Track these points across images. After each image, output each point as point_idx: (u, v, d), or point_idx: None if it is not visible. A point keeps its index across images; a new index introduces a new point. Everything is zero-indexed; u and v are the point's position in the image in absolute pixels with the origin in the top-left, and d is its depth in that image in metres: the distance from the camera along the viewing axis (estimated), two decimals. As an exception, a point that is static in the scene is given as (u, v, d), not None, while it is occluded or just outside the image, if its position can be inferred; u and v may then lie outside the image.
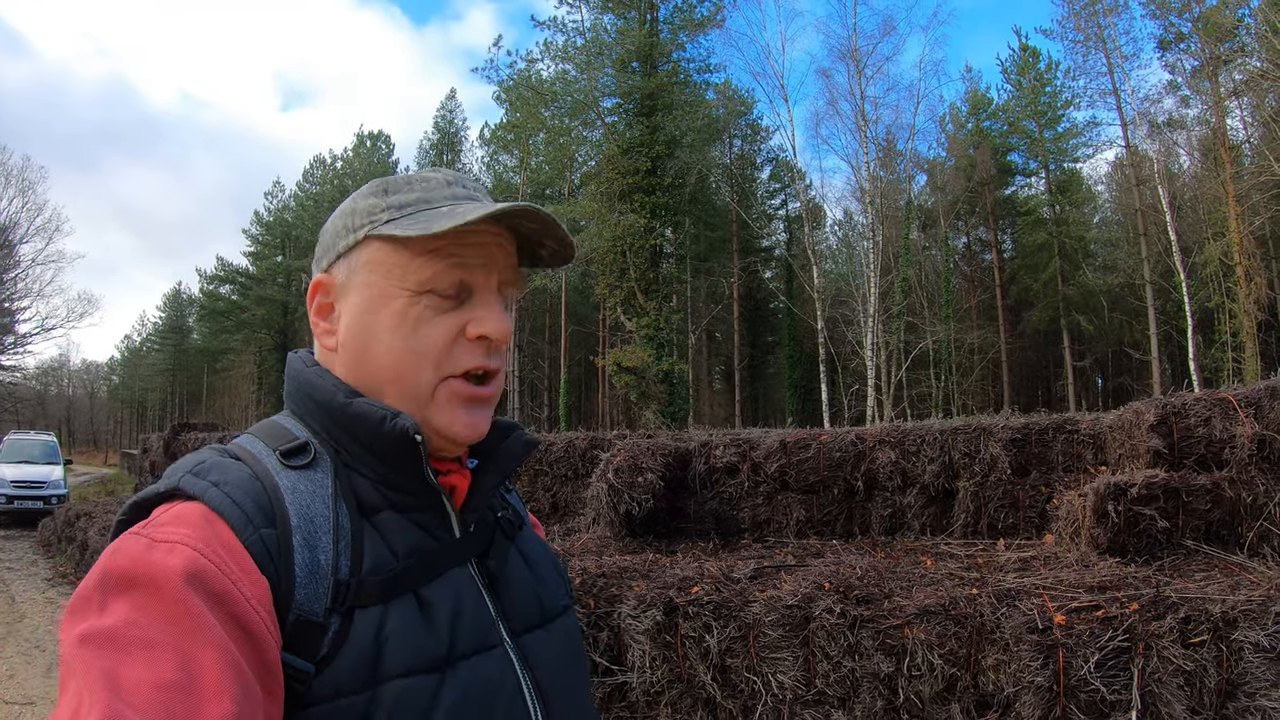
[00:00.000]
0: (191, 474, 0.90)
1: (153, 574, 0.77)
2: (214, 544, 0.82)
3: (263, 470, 0.93)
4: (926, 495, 6.35)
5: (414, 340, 1.00)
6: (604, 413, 43.90)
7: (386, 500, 0.99)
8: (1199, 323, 29.17)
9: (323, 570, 0.89)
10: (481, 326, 1.02)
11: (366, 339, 1.02)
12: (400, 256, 1.01)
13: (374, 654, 0.87)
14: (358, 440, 0.99)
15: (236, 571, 0.82)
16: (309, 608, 0.86)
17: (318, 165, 61.01)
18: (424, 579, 0.96)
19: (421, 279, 1.00)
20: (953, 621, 3.72)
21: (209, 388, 77.11)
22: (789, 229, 47.48)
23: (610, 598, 4.48)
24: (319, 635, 0.86)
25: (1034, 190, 46.16)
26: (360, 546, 0.93)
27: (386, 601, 0.91)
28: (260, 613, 0.82)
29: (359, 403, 0.98)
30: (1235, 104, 30.85)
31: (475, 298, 1.03)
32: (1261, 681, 3.26)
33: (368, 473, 0.99)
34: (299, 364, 1.09)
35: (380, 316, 1.01)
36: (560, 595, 1.18)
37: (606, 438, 8.63)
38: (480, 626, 0.99)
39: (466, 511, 1.06)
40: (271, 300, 59.16)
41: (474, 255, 1.02)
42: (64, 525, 14.28)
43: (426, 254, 1.00)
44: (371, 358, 1.02)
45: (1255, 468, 4.77)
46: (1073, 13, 33.68)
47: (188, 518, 0.84)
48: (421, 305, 1.00)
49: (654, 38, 33.24)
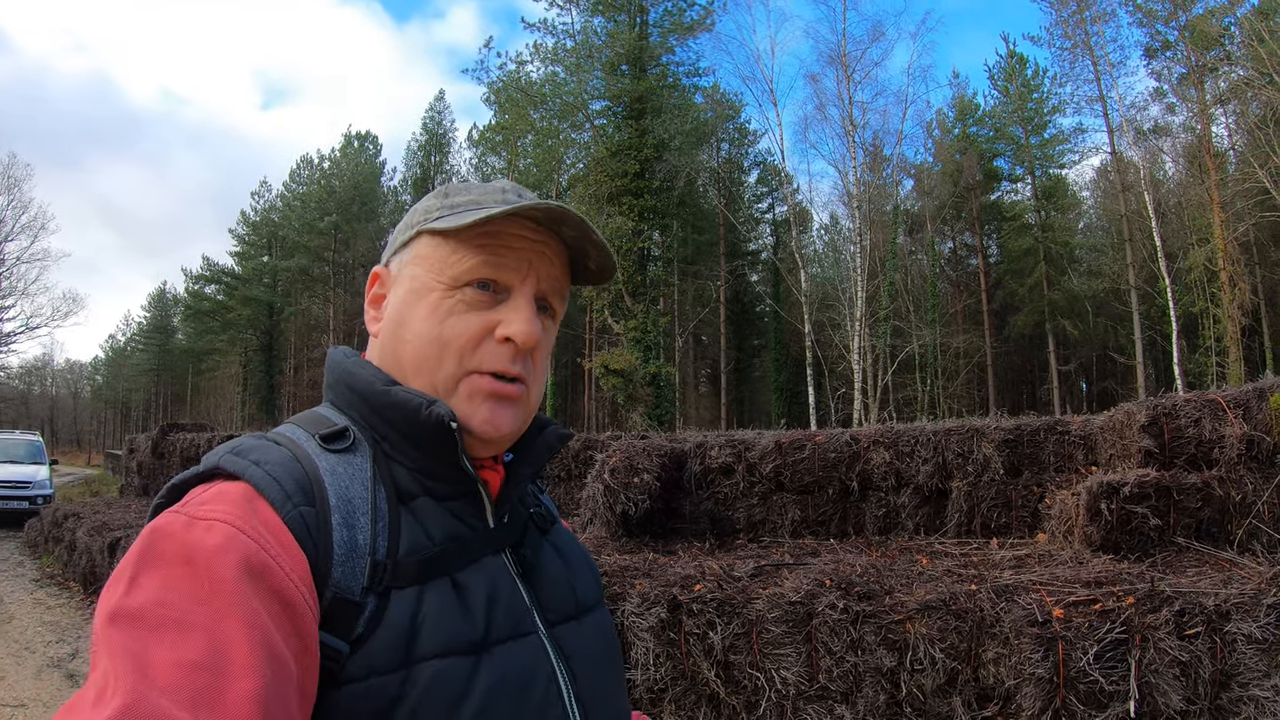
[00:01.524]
0: (232, 454, 0.93)
1: (191, 551, 0.79)
2: (253, 520, 0.84)
3: (303, 453, 0.95)
4: (920, 495, 6.42)
5: (441, 330, 1.02)
6: (590, 415, 43.90)
7: (423, 488, 1.00)
8: (1183, 328, 29.39)
9: (360, 550, 0.90)
10: (508, 328, 1.02)
11: (400, 327, 1.05)
12: (442, 251, 1.04)
13: (409, 635, 0.88)
14: (395, 428, 1.00)
15: (276, 547, 0.83)
16: (346, 586, 0.88)
17: (305, 165, 60.59)
18: (460, 564, 0.97)
19: (458, 273, 1.03)
20: (953, 616, 3.80)
21: (194, 388, 76.57)
22: (776, 233, 47.65)
23: (613, 596, 4.53)
24: (355, 614, 0.87)
25: (1020, 196, 46.40)
26: (398, 529, 0.94)
27: (423, 584, 0.92)
28: (300, 587, 0.83)
29: (397, 390, 1.00)
30: (1220, 112, 31.16)
31: (510, 300, 1.05)
32: (1254, 672, 3.36)
33: (405, 460, 1.00)
34: (339, 355, 1.11)
35: (417, 307, 1.04)
36: (593, 590, 1.18)
37: (600, 439, 8.65)
38: (515, 613, 1.00)
39: (501, 502, 1.07)
40: (257, 301, 58.68)
41: (511, 257, 1.04)
42: (51, 526, 14.09)
43: (465, 250, 1.03)
44: (401, 344, 1.04)
45: (1244, 467, 4.88)
46: (1060, 20, 33.98)
47: (228, 495, 0.86)
48: (455, 299, 1.02)
49: (643, 41, 33.23)
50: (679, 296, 43.07)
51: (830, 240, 50.86)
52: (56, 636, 8.73)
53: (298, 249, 55.81)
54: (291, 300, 58.38)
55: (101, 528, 11.10)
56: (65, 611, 9.97)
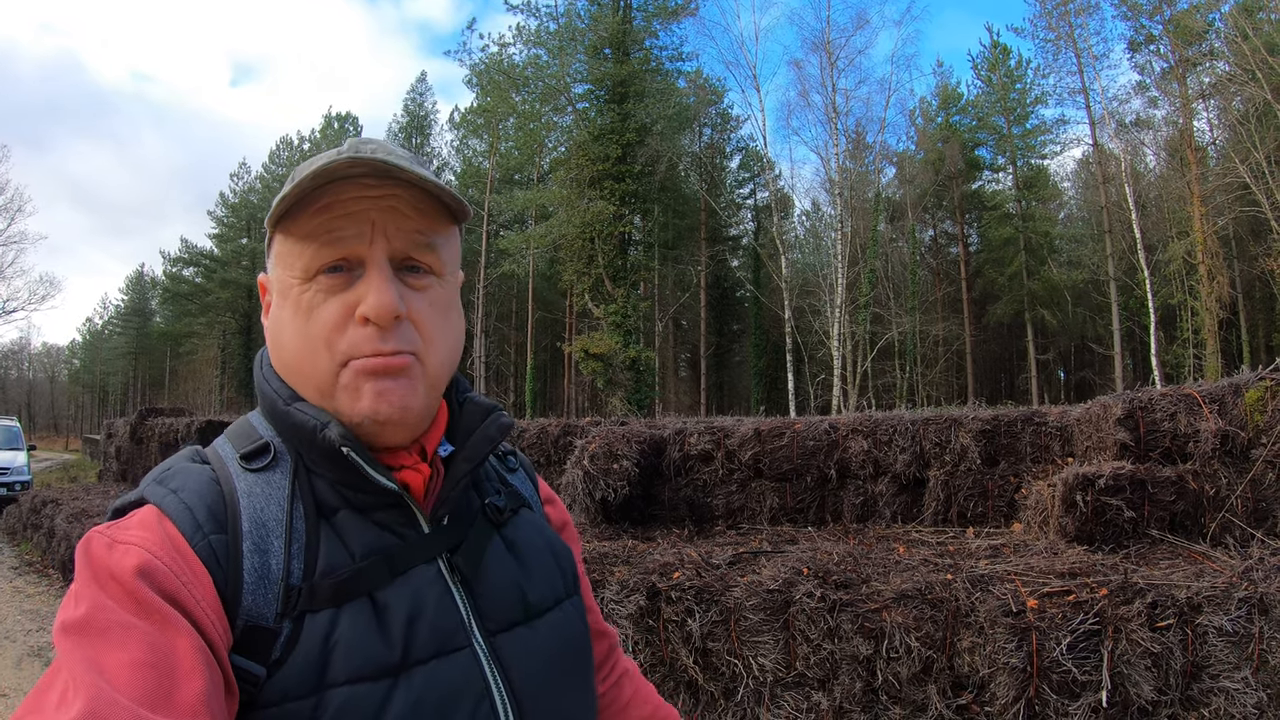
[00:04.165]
0: (156, 481, 0.94)
1: (112, 571, 0.82)
2: (166, 546, 0.85)
3: (225, 474, 0.95)
4: (898, 484, 6.47)
5: (308, 327, 0.96)
6: (570, 399, 43.89)
7: (345, 500, 0.97)
8: (1161, 319, 29.63)
9: (273, 575, 0.89)
10: (364, 307, 0.94)
11: (278, 335, 1.01)
12: (289, 243, 0.98)
13: (321, 660, 0.87)
14: (304, 445, 0.97)
15: (187, 573, 0.84)
16: (258, 613, 0.87)
17: (284, 147, 60.27)
18: (382, 580, 0.94)
19: (307, 263, 0.96)
20: (929, 605, 3.84)
21: (172, 372, 76.01)
22: (757, 218, 47.63)
23: (593, 583, 4.54)
24: (270, 639, 0.87)
25: (1001, 185, 46.58)
26: (315, 549, 0.92)
27: (339, 605, 0.90)
28: (209, 613, 0.84)
29: (294, 410, 0.97)
30: (1202, 106, 31.43)
31: (365, 274, 0.96)
32: (1225, 664, 3.41)
33: (324, 473, 0.97)
34: (257, 364, 1.08)
35: (284, 309, 0.99)
36: (554, 588, 1.12)
37: (580, 424, 8.67)
38: (443, 628, 0.95)
39: (437, 505, 1.02)
40: (236, 283, 58.38)
41: (351, 225, 0.95)
42: (30, 513, 13.96)
43: (307, 234, 0.96)
44: (281, 351, 1.01)
45: (1218, 461, 4.93)
46: (1045, 11, 33.97)
47: (146, 522, 0.88)
48: (313, 290, 0.96)
49: (627, 25, 33.20)
50: (659, 281, 43.01)
51: (811, 226, 51.00)
52: (36, 625, 8.67)
53: (277, 231, 55.27)
54: (272, 282, 57.94)
55: (80, 514, 11.04)
56: (45, 599, 9.90)
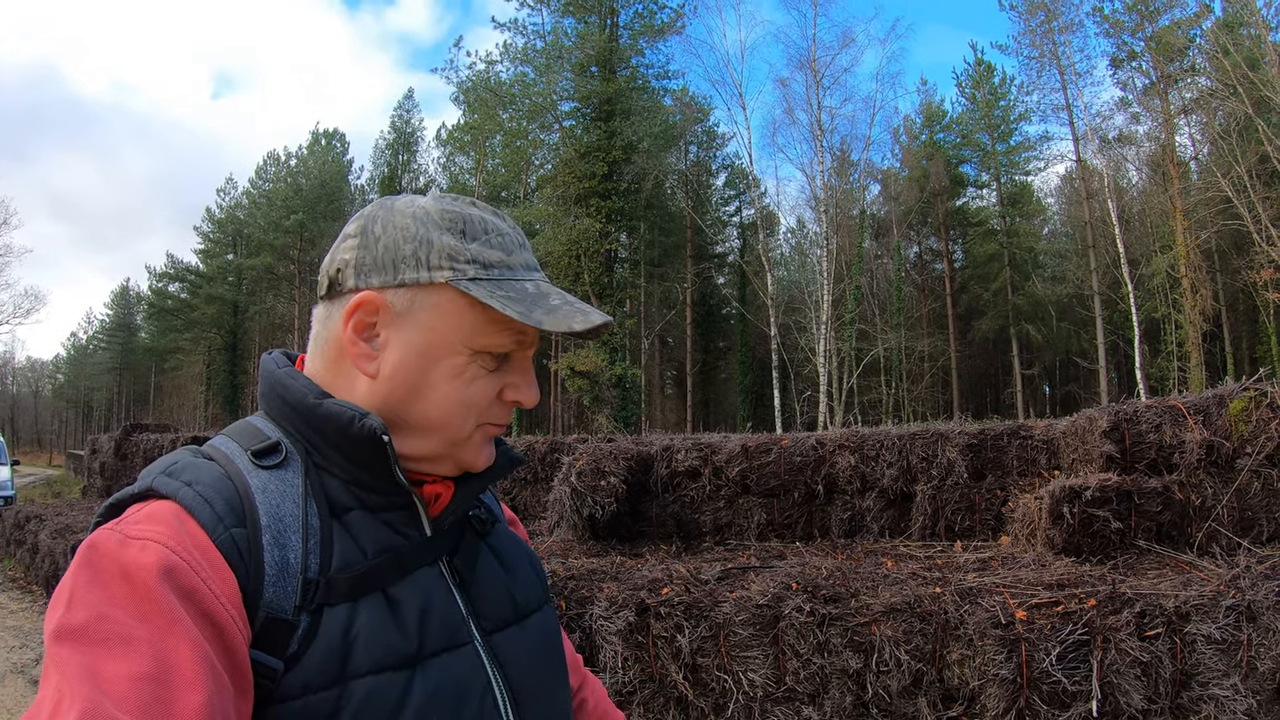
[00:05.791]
0: (165, 474, 0.93)
1: (126, 569, 0.80)
2: (185, 542, 0.84)
3: (234, 470, 0.95)
4: (885, 499, 6.46)
5: (466, 394, 1.03)
6: (556, 417, 43.80)
7: (357, 500, 1.00)
8: (1145, 333, 29.85)
9: (292, 568, 0.90)
10: (517, 393, 1.08)
11: (420, 382, 1.03)
12: (477, 318, 1.02)
13: (343, 651, 0.88)
14: (327, 440, 1.00)
15: (207, 569, 0.84)
16: (278, 605, 0.88)
17: (271, 162, 60.12)
18: (393, 577, 0.97)
19: (486, 343, 1.03)
20: (918, 619, 3.83)
21: (157, 388, 75.68)
22: (743, 236, 47.75)
23: (581, 599, 4.53)
24: (288, 633, 0.88)
25: (985, 202, 46.93)
26: (330, 545, 0.94)
27: (355, 599, 0.92)
28: (229, 609, 0.84)
29: (329, 403, 0.99)
30: (1184, 121, 31.74)
31: (513, 363, 1.08)
32: (1213, 671, 3.42)
33: (338, 473, 1.00)
34: (272, 365, 1.09)
35: (440, 365, 1.02)
36: (536, 592, 1.19)
37: (567, 441, 8.66)
38: (450, 624, 1.00)
39: (442, 514, 1.07)
40: (222, 299, 58.10)
41: (531, 334, 1.07)
42: (13, 528, 13.79)
43: (499, 324, 1.03)
44: (422, 400, 1.03)
45: (1204, 472, 4.96)
46: (1028, 29, 34.30)
47: (160, 516, 0.86)
48: (476, 364, 1.04)
49: (613, 43, 33.30)
50: (645, 298, 43.04)
51: (797, 244, 51.25)
52: (20, 641, 8.55)
53: (263, 247, 55.19)
54: (256, 299, 57.83)
55: (64, 530, 10.90)
56: (29, 616, 9.77)
